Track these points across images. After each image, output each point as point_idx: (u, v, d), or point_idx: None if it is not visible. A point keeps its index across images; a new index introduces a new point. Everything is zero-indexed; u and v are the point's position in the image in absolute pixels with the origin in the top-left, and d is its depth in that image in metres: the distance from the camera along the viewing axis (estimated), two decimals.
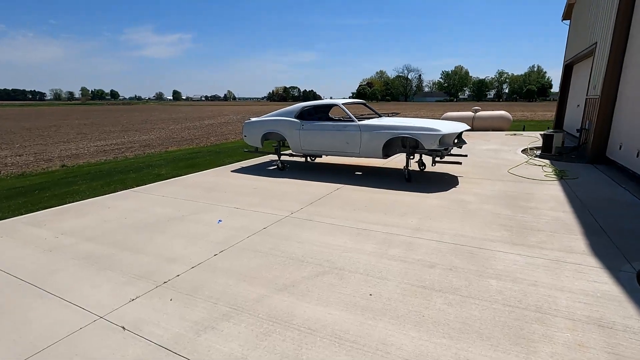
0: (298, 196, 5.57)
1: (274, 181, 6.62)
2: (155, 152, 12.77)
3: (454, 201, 5.12)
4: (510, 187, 5.87)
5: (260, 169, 7.83)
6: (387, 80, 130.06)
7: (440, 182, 6.31)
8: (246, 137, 7.83)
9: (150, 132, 22.13)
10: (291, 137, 7.17)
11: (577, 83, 12.13)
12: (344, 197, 5.47)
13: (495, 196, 5.33)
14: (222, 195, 5.73)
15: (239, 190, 5.99)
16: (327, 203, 5.16)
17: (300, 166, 7.98)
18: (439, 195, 5.47)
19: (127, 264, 3.33)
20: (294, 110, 7.24)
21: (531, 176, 6.62)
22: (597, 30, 8.57)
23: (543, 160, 8.07)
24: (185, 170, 7.88)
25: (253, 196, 5.63)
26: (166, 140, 17.15)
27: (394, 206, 4.95)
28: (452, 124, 6.29)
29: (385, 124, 6.25)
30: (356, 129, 6.47)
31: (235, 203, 5.26)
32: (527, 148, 9.56)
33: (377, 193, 5.64)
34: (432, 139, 5.78)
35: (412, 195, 5.50)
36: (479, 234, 3.87)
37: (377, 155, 6.42)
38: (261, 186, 6.26)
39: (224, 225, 4.34)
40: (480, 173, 6.94)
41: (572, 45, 12.28)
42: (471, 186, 5.97)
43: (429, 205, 4.98)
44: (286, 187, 6.14)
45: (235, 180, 6.82)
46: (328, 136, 6.76)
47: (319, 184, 6.29)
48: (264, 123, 7.49)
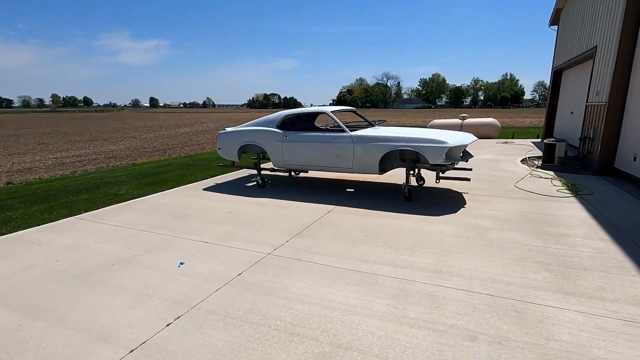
0: (282, 223, 4.62)
1: (252, 202, 5.64)
2: (121, 165, 11.52)
3: (468, 227, 4.31)
4: (525, 206, 5.13)
5: (237, 186, 6.83)
6: (367, 88, 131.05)
7: (444, 200, 5.51)
8: (221, 150, 6.82)
9: (120, 141, 20.64)
10: (272, 150, 6.22)
11: (568, 89, 11.77)
12: (336, 223, 4.56)
13: (514, 219, 4.56)
14: (189, 223, 4.71)
15: (211, 216, 4.98)
16: (318, 233, 4.23)
17: (283, 182, 7.03)
18: (449, 219, 4.65)
19: (33, 347, 2.28)
20: (275, 119, 6.31)
21: (542, 191, 5.92)
22: (597, 33, 8.09)
23: (547, 172, 7.45)
24: (150, 189, 6.79)
25: (227, 224, 4.64)
26: (136, 151, 15.82)
27: (399, 236, 4.08)
28: (458, 134, 5.52)
29: (382, 135, 5.40)
30: (348, 140, 5.60)
31: (205, 234, 4.26)
32: (526, 158, 8.96)
33: (375, 217, 4.76)
34: (437, 152, 4.97)
35: (417, 219, 4.65)
36: (516, 278, 3.04)
37: (372, 170, 5.56)
38: (237, 209, 5.28)
39: (187, 269, 3.34)
40: (485, 188, 6.20)
41: (562, 51, 11.94)
42: (481, 206, 5.19)
43: (440, 233, 4.13)
44: (267, 211, 5.18)
45: (207, 201, 5.80)
46: (315, 149, 5.85)
47: (306, 206, 5.36)
48: (241, 134, 6.51)
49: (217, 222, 4.71)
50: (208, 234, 4.28)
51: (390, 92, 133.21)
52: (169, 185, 7.11)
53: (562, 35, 12.21)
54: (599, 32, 7.92)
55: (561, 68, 12.21)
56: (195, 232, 4.34)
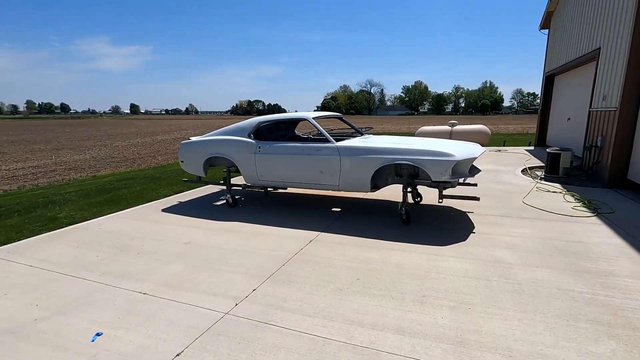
0: (251, 259, 3.63)
1: (218, 228, 4.63)
2: (79, 179, 10.27)
3: (486, 263, 3.43)
4: (545, 229, 4.31)
5: (202, 205, 5.80)
6: (351, 94, 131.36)
7: (447, 222, 4.65)
8: (184, 163, 5.78)
9: (88, 150, 19.17)
10: (244, 164, 5.24)
11: (563, 95, 11.24)
12: (321, 259, 3.61)
13: (538, 249, 3.71)
14: (131, 260, 3.67)
15: (162, 249, 3.95)
16: (296, 275, 3.27)
17: (257, 200, 6.05)
18: (459, 250, 3.77)
19: None
20: (247, 127, 5.33)
21: (555, 209, 5.14)
22: (600, 34, 7.50)
23: (552, 185, 6.72)
24: (98, 210, 5.69)
25: (180, 261, 3.62)
26: (102, 161, 14.50)
27: (402, 278, 3.15)
28: (464, 145, 4.67)
29: (374, 146, 4.51)
30: (333, 152, 4.68)
31: (146, 280, 3.23)
32: (527, 168, 8.26)
33: (369, 249, 3.84)
34: (442, 167, 4.10)
35: (421, 251, 3.75)
36: (573, 352, 2.15)
37: (362, 188, 4.65)
38: (197, 239, 4.26)
39: (103, 345, 2.32)
40: (491, 206, 5.38)
41: (554, 55, 11.44)
42: (493, 230, 4.34)
43: (453, 273, 3.23)
44: (235, 240, 4.18)
45: (163, 227, 4.75)
46: (294, 163, 4.90)
47: (284, 232, 4.39)
48: (207, 144, 5.50)
49: (167, 259, 3.68)
50: (151, 278, 3.25)
51: (374, 99, 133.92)
52: (124, 204, 6.02)
53: (554, 39, 11.73)
54: (603, 33, 7.31)
55: (553, 73, 11.71)
56: (135, 276, 3.30)
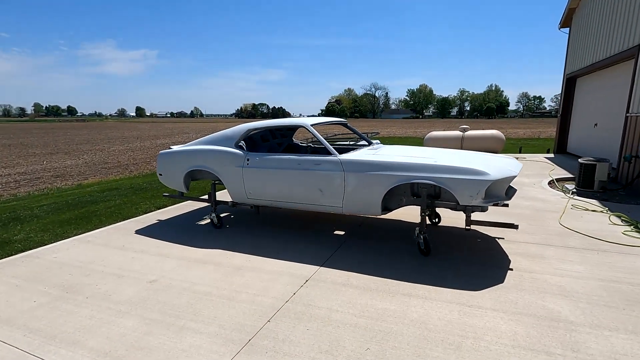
0: (227, 309, 2.80)
1: (194, 259, 3.81)
2: (62, 187, 9.51)
3: (539, 321, 2.56)
4: (600, 265, 3.43)
5: (184, 224, 4.98)
6: (355, 98, 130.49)
7: (475, 252, 3.78)
8: (162, 177, 4.97)
9: (83, 154, 18.50)
10: (229, 179, 4.41)
11: (587, 98, 10.33)
12: (318, 312, 2.76)
13: (602, 297, 2.84)
14: (74, 310, 2.85)
15: (119, 291, 3.12)
16: (284, 340, 2.42)
17: (247, 218, 5.22)
18: (497, 296, 2.90)
19: None
20: (234, 135, 4.51)
21: (603, 235, 4.26)
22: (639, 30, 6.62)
23: (588, 201, 5.83)
24: (64, 230, 4.89)
25: (136, 311, 2.79)
26: (94, 167, 13.78)
27: (428, 346, 2.30)
28: (500, 161, 3.79)
29: (386, 161, 3.66)
30: (336, 167, 3.84)
31: (83, 345, 2.40)
32: (554, 180, 7.36)
33: (380, 295, 2.98)
34: (473, 188, 3.25)
35: (448, 298, 2.89)
36: None
37: (371, 211, 3.81)
38: (167, 274, 3.43)
39: None
40: (524, 228, 4.51)
41: (577, 56, 10.55)
42: (534, 265, 3.47)
43: (497, 338, 2.37)
44: (212, 277, 3.35)
45: (130, 256, 3.94)
46: (289, 179, 4.07)
47: (274, 267, 3.56)
48: (188, 155, 4.69)
49: (121, 307, 2.85)
50: (90, 343, 2.43)
51: (379, 102, 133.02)
52: (94, 223, 5.22)
53: (576, 38, 10.84)
54: None
55: (575, 75, 10.81)
56: (70, 338, 2.48)
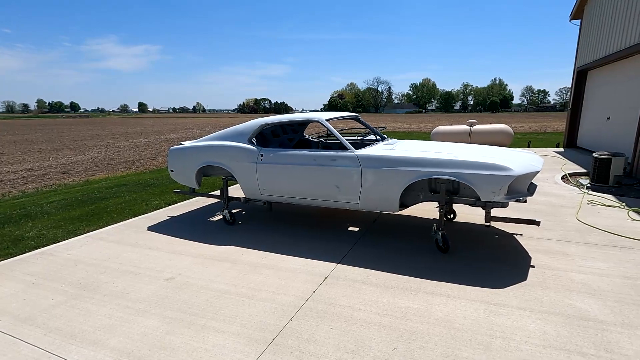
0: (248, 308, 2.76)
1: (209, 256, 3.77)
2: (70, 183, 9.50)
3: (568, 319, 2.50)
4: (624, 262, 3.36)
5: (196, 220, 4.94)
6: (358, 92, 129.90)
7: (494, 249, 3.72)
8: (174, 173, 4.93)
9: (89, 150, 18.51)
10: (242, 175, 4.36)
11: (599, 92, 10.17)
12: (340, 311, 2.71)
13: (631, 296, 2.78)
14: (92, 308, 2.82)
15: (136, 289, 3.09)
16: (309, 340, 2.38)
17: (260, 215, 5.17)
18: (523, 294, 2.84)
19: None
20: (247, 131, 4.45)
21: (623, 231, 4.19)
22: None
23: (604, 196, 5.74)
24: (76, 227, 4.87)
25: (155, 309, 2.75)
26: (100, 163, 13.77)
27: (457, 346, 2.25)
28: (522, 156, 3.70)
29: (405, 156, 3.59)
30: (353, 163, 3.77)
31: (104, 345, 2.37)
32: (567, 175, 7.26)
33: (402, 293, 2.93)
34: (496, 184, 3.18)
35: (472, 296, 2.83)
36: None
37: (388, 207, 3.74)
38: (183, 272, 3.40)
39: None
40: (542, 225, 4.43)
41: (589, 48, 10.37)
42: (557, 262, 3.41)
43: (527, 338, 2.32)
44: (229, 275, 3.31)
45: (145, 253, 3.90)
46: (304, 175, 4.01)
47: (290, 264, 3.51)
48: (200, 151, 4.63)
49: (140, 305, 2.82)
50: (111, 342, 2.39)
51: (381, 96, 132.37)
52: (106, 219, 5.19)
53: (588, 30, 10.64)
54: None
55: (587, 67, 10.63)
56: (91, 337, 2.45)
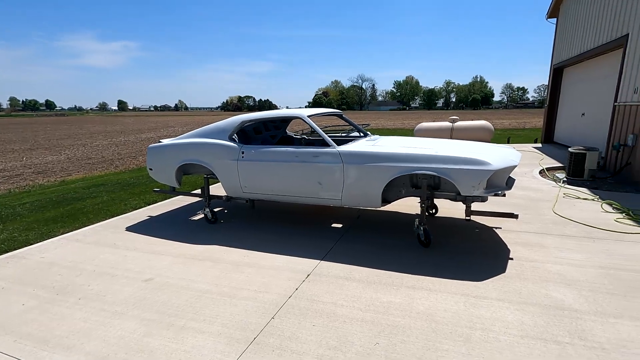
0: (229, 307, 2.71)
1: (190, 255, 3.69)
2: (44, 184, 9.17)
3: (545, 309, 2.56)
4: (599, 253, 3.48)
5: (176, 220, 4.85)
6: (342, 90, 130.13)
7: (474, 242, 3.78)
8: (153, 171, 4.81)
9: (65, 150, 17.92)
10: (224, 173, 4.29)
11: (574, 88, 10.49)
12: (323, 307, 2.70)
13: (605, 286, 2.87)
14: (66, 312, 2.72)
15: (113, 290, 3.00)
16: (291, 338, 2.36)
17: (242, 213, 5.11)
18: (502, 286, 2.90)
19: None
20: (228, 128, 4.37)
21: (598, 223, 4.33)
22: (628, 19, 6.69)
23: (579, 190, 5.92)
24: (50, 228, 4.70)
25: (133, 312, 2.68)
26: (77, 162, 13.35)
27: (438, 339, 2.27)
28: (501, 150, 3.78)
29: (387, 152, 3.60)
30: (335, 159, 3.76)
31: (78, 350, 2.29)
32: (544, 169, 7.46)
33: (385, 289, 2.94)
34: (475, 178, 3.23)
35: (453, 289, 2.87)
36: None
37: (370, 203, 3.76)
38: (163, 272, 3.32)
39: None
40: (520, 218, 4.53)
41: (565, 46, 10.66)
42: (534, 254, 3.49)
43: (506, 329, 2.36)
44: (211, 274, 3.26)
45: (123, 254, 3.80)
46: (286, 172, 3.98)
47: (272, 262, 3.48)
48: (179, 149, 4.53)
49: (117, 308, 2.74)
50: (86, 347, 2.31)
51: (366, 94, 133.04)
52: (82, 220, 5.03)
53: (564, 29, 10.94)
54: (633, 17, 6.51)
55: (563, 65, 10.94)
56: (64, 343, 2.36)
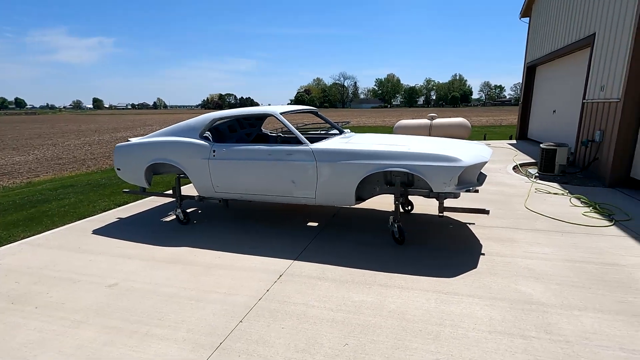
0: (197, 311, 2.62)
1: (160, 258, 3.56)
2: (9, 186, 8.73)
3: (514, 304, 2.59)
4: (567, 247, 3.56)
5: (147, 221, 4.68)
6: (325, 88, 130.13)
7: (447, 238, 3.81)
8: (121, 171, 4.62)
9: (34, 150, 17.17)
10: (195, 172, 4.16)
11: (546, 86, 10.77)
12: (294, 309, 2.64)
13: (571, 279, 2.93)
14: (21, 322, 2.56)
15: (74, 298, 2.85)
16: (259, 341, 2.29)
17: (216, 213, 4.99)
18: (473, 282, 2.92)
19: None
20: (198, 126, 4.24)
21: (565, 217, 4.45)
22: (595, 19, 6.90)
23: (550, 185, 6.08)
24: (10, 233, 4.45)
25: (94, 319, 2.55)
26: (47, 163, 12.80)
27: (407, 338, 2.25)
28: (472, 147, 3.81)
29: (359, 149, 3.57)
30: (308, 157, 3.70)
31: None
32: (518, 165, 7.63)
33: (357, 287, 2.91)
34: (446, 175, 3.23)
35: (425, 286, 2.87)
36: None
37: (344, 201, 3.72)
38: (129, 277, 3.18)
39: None
40: (493, 213, 4.61)
41: (538, 45, 10.93)
42: (505, 249, 3.54)
43: (475, 324, 2.37)
44: (180, 278, 3.14)
45: (88, 258, 3.62)
46: (259, 170, 3.89)
47: (244, 263, 3.39)
48: (148, 148, 4.37)
49: (77, 316, 2.60)
50: (41, 357, 2.17)
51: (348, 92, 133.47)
52: (46, 223, 4.79)
53: (536, 28, 11.22)
54: (599, 17, 6.71)
55: (535, 63, 11.22)
56: (18, 355, 2.21)
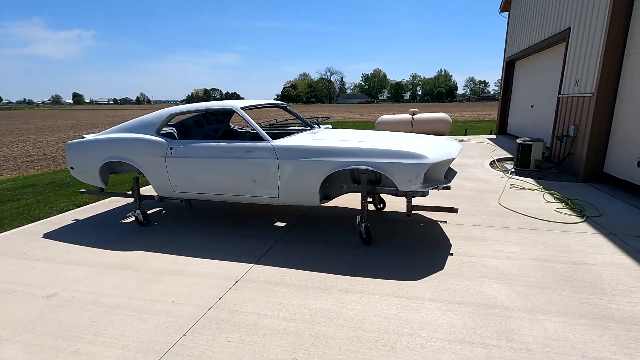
0: (138, 324, 2.41)
1: (112, 262, 3.32)
2: None
3: (476, 309, 2.46)
4: (535, 245, 3.47)
5: (105, 223, 4.41)
6: (311, 83, 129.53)
7: (416, 237, 3.68)
8: (74, 170, 4.33)
9: (2, 147, 16.43)
10: (151, 171, 3.91)
11: (525, 81, 10.80)
12: (244, 319, 2.46)
13: (536, 278, 2.83)
14: None
15: (3, 312, 2.60)
16: (201, 357, 2.10)
17: (179, 213, 4.75)
18: (436, 285, 2.79)
19: None
20: (155, 121, 3.98)
21: (538, 213, 4.38)
22: (570, 13, 6.86)
23: (525, 180, 6.04)
24: None
25: (22, 336, 2.31)
26: (14, 160, 12.22)
27: (361, 350, 2.10)
28: (439, 143, 3.67)
29: (321, 146, 3.39)
30: (269, 154, 3.50)
31: None
32: (495, 161, 7.59)
33: (316, 293, 2.74)
34: (411, 172, 3.08)
35: (387, 290, 2.72)
36: None
37: (309, 200, 3.54)
38: (71, 286, 2.94)
39: None
40: (466, 211, 4.51)
41: (516, 39, 10.93)
42: (474, 248, 3.43)
43: (434, 333, 2.23)
44: (127, 286, 2.92)
45: (31, 265, 3.35)
46: (218, 169, 3.67)
47: (201, 268, 3.18)
48: (102, 145, 4.09)
49: (2, 333, 2.35)
50: None
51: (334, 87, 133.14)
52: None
53: (515, 22, 11.21)
54: (574, 11, 6.67)
55: (514, 58, 11.24)
56: None
